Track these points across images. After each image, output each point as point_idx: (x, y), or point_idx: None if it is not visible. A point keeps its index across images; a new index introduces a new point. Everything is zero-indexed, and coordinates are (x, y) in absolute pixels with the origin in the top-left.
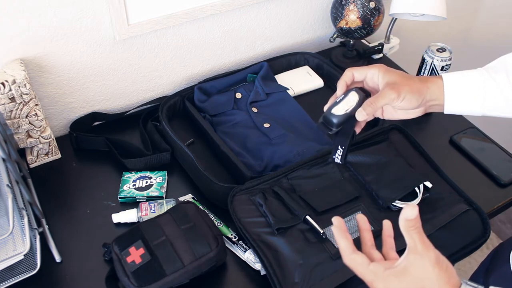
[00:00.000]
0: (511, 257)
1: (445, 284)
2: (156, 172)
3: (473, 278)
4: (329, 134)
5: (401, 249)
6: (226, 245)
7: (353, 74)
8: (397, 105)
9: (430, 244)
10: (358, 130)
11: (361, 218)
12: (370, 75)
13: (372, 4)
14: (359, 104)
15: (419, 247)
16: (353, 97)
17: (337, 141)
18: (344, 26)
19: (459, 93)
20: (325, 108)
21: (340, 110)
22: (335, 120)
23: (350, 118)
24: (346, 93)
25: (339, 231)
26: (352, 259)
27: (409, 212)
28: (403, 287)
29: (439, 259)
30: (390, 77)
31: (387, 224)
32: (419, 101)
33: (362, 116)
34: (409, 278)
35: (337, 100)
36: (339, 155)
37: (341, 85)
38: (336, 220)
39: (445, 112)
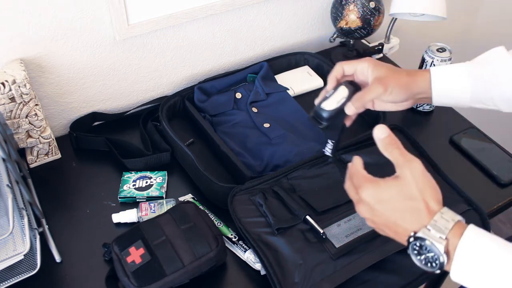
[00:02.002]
0: None
1: (431, 198)
2: (156, 172)
3: None
4: (319, 127)
5: (399, 250)
6: (226, 245)
7: (343, 68)
8: (385, 99)
9: (412, 156)
10: (348, 123)
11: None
12: (360, 69)
13: (372, 4)
14: (349, 98)
15: (401, 161)
16: (343, 92)
17: (327, 135)
18: (344, 26)
19: (446, 87)
20: (316, 102)
21: (330, 105)
22: (325, 115)
23: (340, 112)
24: (336, 88)
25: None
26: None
27: (379, 132)
28: (391, 194)
29: (425, 172)
30: (379, 71)
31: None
32: (406, 95)
33: (352, 111)
34: (399, 184)
35: (327, 95)
36: (329, 148)
37: (331, 80)
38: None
39: (433, 104)
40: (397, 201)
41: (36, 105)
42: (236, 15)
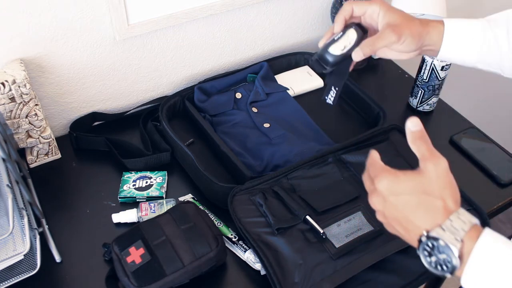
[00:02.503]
0: None
1: (450, 198)
2: (156, 172)
3: None
4: (322, 72)
5: (399, 250)
6: (226, 245)
7: (353, 8)
8: (395, 48)
9: (440, 155)
10: (350, 68)
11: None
12: (370, 11)
13: None
14: (357, 43)
15: (427, 156)
16: (352, 35)
17: (330, 81)
18: None
19: (457, 42)
20: (321, 44)
21: (337, 48)
22: (331, 59)
23: (346, 57)
24: (344, 30)
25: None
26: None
27: (411, 123)
28: (408, 186)
29: (449, 171)
30: (391, 17)
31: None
32: (418, 45)
33: (359, 57)
34: (419, 178)
35: (335, 38)
36: (332, 96)
37: (339, 20)
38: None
39: (437, 58)
40: (413, 194)
41: (36, 105)
42: (236, 15)
